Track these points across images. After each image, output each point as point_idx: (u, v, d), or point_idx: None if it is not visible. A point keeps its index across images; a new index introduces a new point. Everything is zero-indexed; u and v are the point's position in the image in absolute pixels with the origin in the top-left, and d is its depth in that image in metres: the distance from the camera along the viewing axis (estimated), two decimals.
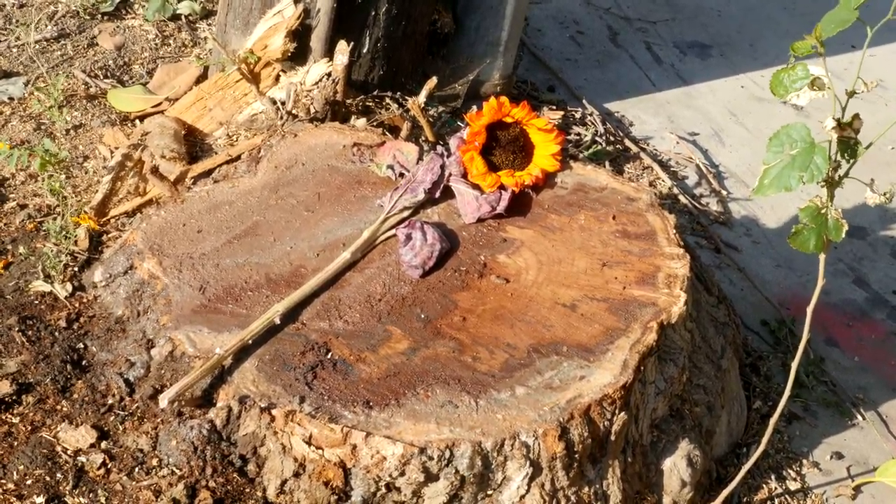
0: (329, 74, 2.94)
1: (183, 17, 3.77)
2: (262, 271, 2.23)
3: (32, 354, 2.18)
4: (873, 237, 3.43)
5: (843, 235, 1.88)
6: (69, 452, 2.00)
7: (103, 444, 2.02)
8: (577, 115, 3.77)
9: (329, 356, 2.03)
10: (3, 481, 1.94)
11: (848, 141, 1.84)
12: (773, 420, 2.14)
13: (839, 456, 2.59)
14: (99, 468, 1.98)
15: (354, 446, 1.87)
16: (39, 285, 2.39)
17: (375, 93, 3.14)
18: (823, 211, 1.88)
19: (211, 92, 3.14)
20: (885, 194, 1.90)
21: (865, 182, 1.92)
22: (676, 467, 2.18)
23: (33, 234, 2.63)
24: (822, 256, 1.95)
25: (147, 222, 2.34)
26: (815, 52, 1.82)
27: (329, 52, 3.02)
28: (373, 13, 3.10)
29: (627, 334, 2.10)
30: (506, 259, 2.30)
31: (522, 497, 1.95)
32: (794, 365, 2.10)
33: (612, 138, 3.69)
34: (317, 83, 2.94)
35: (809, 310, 2.04)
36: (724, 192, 3.55)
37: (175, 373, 2.04)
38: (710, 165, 3.69)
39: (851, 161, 1.86)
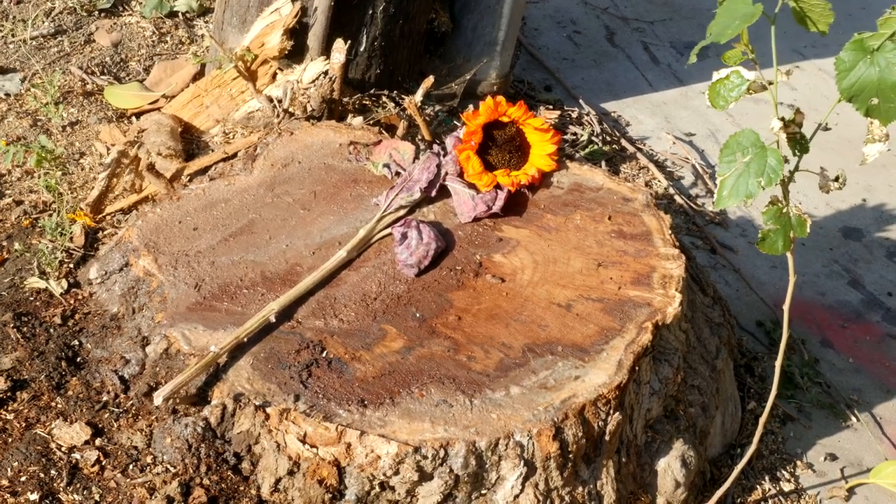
0: (326, 73, 2.95)
1: (180, 14, 3.77)
2: (257, 269, 2.23)
3: (27, 351, 2.18)
4: (868, 239, 3.43)
5: (808, 230, 1.88)
6: (63, 449, 2.00)
7: (98, 442, 2.02)
8: (574, 115, 3.78)
9: (324, 354, 2.03)
10: None
11: (795, 136, 1.84)
12: (762, 420, 2.14)
13: (833, 457, 2.59)
14: (93, 465, 1.98)
15: (349, 445, 1.87)
16: (35, 282, 2.39)
17: (372, 91, 3.14)
18: (784, 210, 1.89)
19: (208, 89, 3.14)
20: (836, 179, 1.91)
21: (816, 172, 1.93)
22: (670, 468, 2.19)
23: (29, 230, 2.63)
24: (789, 255, 1.96)
25: (143, 219, 2.34)
26: (746, 57, 1.83)
27: (326, 51, 3.02)
28: (370, 12, 3.10)
29: (622, 334, 2.11)
30: (501, 258, 2.30)
31: (516, 497, 1.95)
32: (779, 364, 2.10)
33: (608, 138, 3.70)
34: (314, 81, 2.94)
35: (786, 307, 2.05)
36: None
37: (170, 370, 2.04)
38: (706, 166, 3.70)
39: (800, 155, 1.86)
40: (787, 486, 2.48)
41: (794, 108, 1.84)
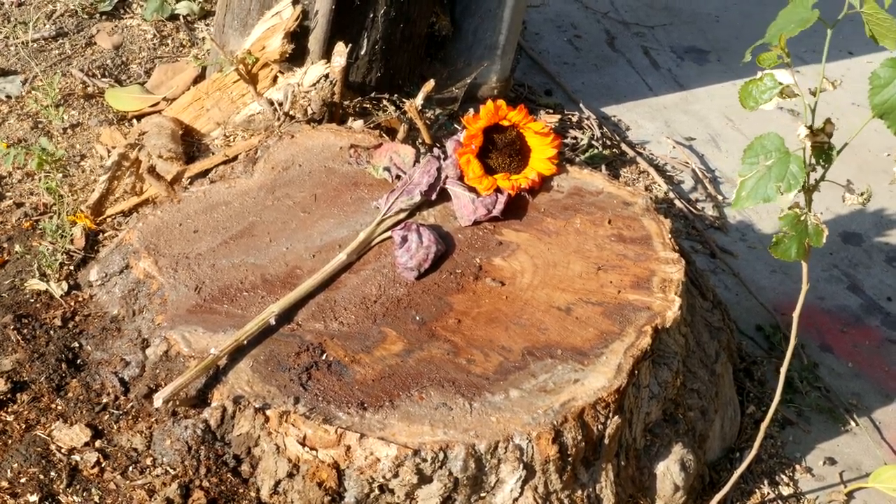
0: (327, 76, 2.95)
1: (181, 17, 3.78)
2: (257, 272, 2.23)
3: (27, 353, 2.18)
4: (868, 244, 3.44)
5: (824, 241, 1.88)
6: (63, 451, 2.01)
7: (97, 443, 2.02)
8: (574, 119, 3.78)
9: (324, 357, 2.03)
10: None
11: (822, 146, 1.84)
12: (764, 425, 2.14)
13: (832, 461, 2.59)
14: (93, 467, 1.98)
15: (348, 447, 1.88)
16: (35, 284, 2.39)
17: (373, 95, 3.15)
18: (803, 218, 1.88)
19: (208, 92, 3.14)
20: (861, 194, 1.90)
21: (842, 184, 1.93)
22: (670, 471, 2.19)
23: (29, 232, 2.63)
24: (804, 263, 1.96)
25: (143, 222, 2.35)
26: (781, 62, 1.83)
27: (327, 54, 3.03)
28: (371, 15, 3.10)
29: (622, 338, 2.11)
30: (501, 262, 2.30)
31: (516, 500, 1.95)
32: (783, 371, 2.10)
33: (608, 142, 3.70)
34: (314, 84, 2.95)
35: (796, 315, 2.05)
36: (719, 198, 3.56)
37: (170, 372, 2.04)
38: (706, 170, 3.70)
39: (826, 165, 1.86)
40: (786, 491, 2.48)
41: (797, 112, 1.84)
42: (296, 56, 3.04)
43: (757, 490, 2.46)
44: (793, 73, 1.83)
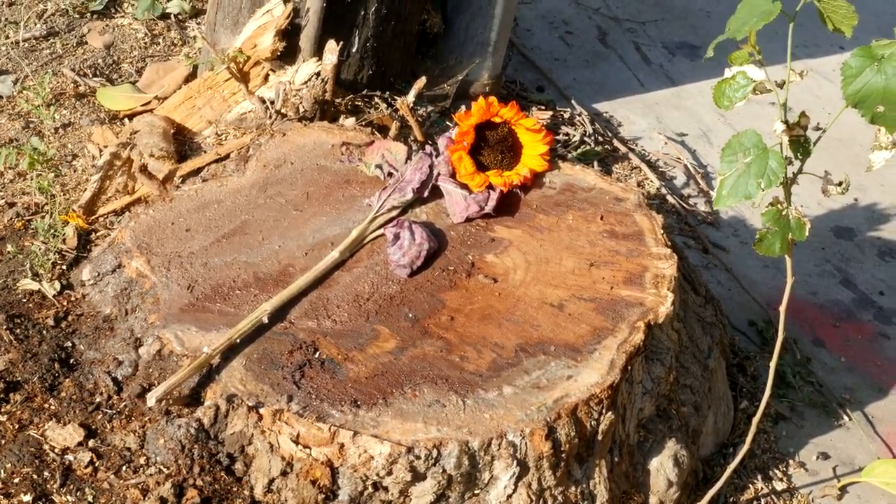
0: (318, 74, 2.95)
1: (172, 16, 3.77)
2: (250, 270, 2.23)
3: (20, 353, 2.18)
4: (860, 238, 3.44)
5: (807, 234, 1.88)
6: (56, 451, 2.00)
7: (91, 443, 2.02)
8: (566, 116, 3.78)
9: (317, 355, 2.03)
10: None
11: (798, 139, 1.84)
12: (756, 420, 2.15)
13: (825, 456, 2.60)
14: (86, 467, 1.98)
15: (342, 445, 1.88)
16: (27, 283, 2.39)
17: (364, 92, 3.14)
18: (784, 212, 1.89)
19: (200, 91, 3.14)
20: (840, 184, 1.91)
21: (821, 176, 1.94)
22: (663, 467, 2.19)
23: (21, 232, 2.62)
24: (788, 257, 1.96)
25: (135, 221, 2.34)
26: (752, 59, 1.83)
27: (318, 52, 3.03)
28: (362, 13, 3.10)
29: (615, 334, 2.11)
30: (494, 259, 2.31)
31: (509, 496, 1.95)
32: (773, 365, 2.10)
33: (600, 139, 3.70)
34: (306, 82, 2.95)
35: (782, 309, 2.05)
36: (712, 193, 3.56)
37: (163, 371, 2.04)
38: (698, 166, 3.70)
39: (804, 158, 1.87)
40: (779, 485, 2.48)
41: (790, 108, 1.85)
42: (287, 54, 3.04)
43: (750, 485, 2.46)
44: (764, 69, 1.84)
